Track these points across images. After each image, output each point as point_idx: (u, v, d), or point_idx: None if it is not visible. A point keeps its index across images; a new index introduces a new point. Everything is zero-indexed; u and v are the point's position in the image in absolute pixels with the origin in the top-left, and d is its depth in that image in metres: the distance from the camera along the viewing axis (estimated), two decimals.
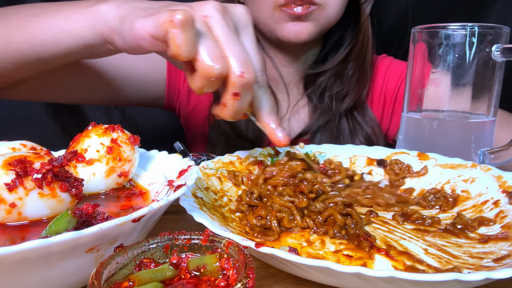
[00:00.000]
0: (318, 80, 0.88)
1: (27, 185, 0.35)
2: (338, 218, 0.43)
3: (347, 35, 0.88)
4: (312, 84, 0.90)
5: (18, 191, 0.34)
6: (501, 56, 0.56)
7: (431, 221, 0.46)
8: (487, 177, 0.50)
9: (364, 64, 0.88)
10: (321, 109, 0.88)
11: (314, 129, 0.88)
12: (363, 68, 0.88)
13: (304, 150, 0.65)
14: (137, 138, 0.47)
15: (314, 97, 0.89)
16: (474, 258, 0.38)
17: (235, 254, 0.28)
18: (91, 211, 0.32)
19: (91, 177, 0.43)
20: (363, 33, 0.87)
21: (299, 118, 0.92)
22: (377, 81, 0.94)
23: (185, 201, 0.41)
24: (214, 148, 0.90)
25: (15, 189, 0.34)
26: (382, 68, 0.94)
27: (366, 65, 0.88)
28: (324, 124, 0.88)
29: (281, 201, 0.46)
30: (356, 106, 0.90)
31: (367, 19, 0.87)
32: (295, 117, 0.92)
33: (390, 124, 0.95)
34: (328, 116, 0.87)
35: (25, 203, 0.35)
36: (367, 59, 0.88)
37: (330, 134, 0.88)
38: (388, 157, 0.61)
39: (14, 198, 0.34)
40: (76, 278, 0.31)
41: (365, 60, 0.88)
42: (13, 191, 0.34)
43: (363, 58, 0.88)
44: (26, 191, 0.35)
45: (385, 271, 0.28)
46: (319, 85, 0.88)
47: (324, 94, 0.88)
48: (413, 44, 0.63)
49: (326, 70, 0.88)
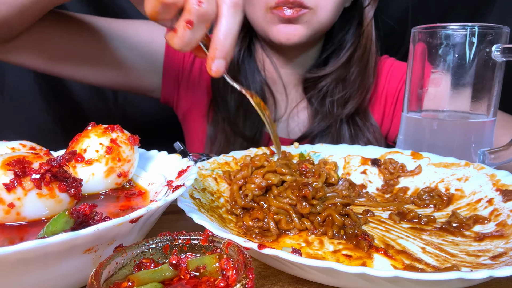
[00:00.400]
0: (319, 85, 0.87)
1: (26, 185, 0.35)
2: (336, 219, 0.43)
3: (349, 38, 0.87)
4: (312, 88, 0.89)
5: (17, 191, 0.34)
6: (501, 56, 0.56)
7: (427, 220, 0.46)
8: (481, 175, 0.51)
9: (367, 68, 0.87)
10: (322, 113, 0.87)
11: (315, 133, 0.87)
12: (365, 73, 0.86)
13: (299, 150, 0.65)
14: (137, 138, 0.47)
15: (315, 101, 0.88)
16: (471, 256, 0.38)
17: (235, 254, 0.28)
18: (89, 211, 0.32)
19: (90, 177, 0.43)
20: (366, 37, 0.86)
21: (298, 121, 0.91)
22: (379, 82, 0.94)
23: (183, 202, 0.41)
24: (212, 146, 0.90)
25: (13, 189, 0.34)
26: (384, 69, 0.94)
27: (369, 69, 0.87)
28: (325, 128, 0.87)
29: (278, 204, 0.45)
30: (358, 112, 0.88)
31: (370, 23, 0.86)
32: (294, 120, 0.91)
33: (391, 125, 0.95)
34: (329, 121, 0.86)
35: (24, 203, 0.35)
36: (370, 64, 0.87)
37: (331, 139, 0.87)
38: (382, 157, 0.61)
39: (13, 198, 0.34)
40: (75, 278, 0.31)
41: (368, 65, 0.87)
42: (11, 191, 0.34)
43: (365, 63, 0.86)
44: (24, 191, 0.35)
45: (389, 271, 0.28)
46: (320, 90, 0.87)
47: (326, 99, 0.87)
48: (413, 44, 0.63)
49: (327, 74, 0.87)
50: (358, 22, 0.86)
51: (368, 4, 0.85)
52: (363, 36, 0.86)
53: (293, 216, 0.44)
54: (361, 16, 0.86)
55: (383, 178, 0.58)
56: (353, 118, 0.88)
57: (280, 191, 0.47)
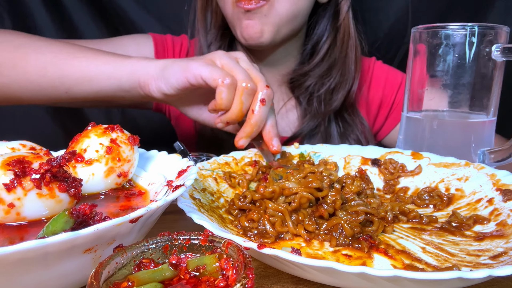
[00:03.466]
0: (305, 84, 0.87)
1: (26, 185, 0.35)
2: (346, 229, 0.41)
3: (324, 33, 0.87)
4: (298, 86, 0.88)
5: (17, 191, 0.34)
6: (501, 56, 0.56)
7: (428, 220, 0.46)
8: (481, 175, 0.51)
9: (346, 62, 0.86)
10: (311, 112, 0.87)
11: (305, 133, 0.87)
12: (345, 67, 0.86)
13: (299, 150, 0.65)
14: (137, 138, 0.47)
15: (303, 100, 0.88)
16: (471, 256, 0.38)
17: (235, 254, 0.28)
18: (89, 211, 0.32)
19: (90, 177, 0.43)
20: (343, 31, 0.85)
21: (288, 121, 0.91)
22: (372, 85, 0.94)
23: (183, 202, 0.41)
24: (206, 148, 0.89)
25: (13, 189, 0.34)
26: (377, 73, 0.94)
27: (348, 63, 0.86)
28: (314, 128, 0.87)
29: (276, 207, 0.44)
30: (346, 108, 0.88)
31: (347, 16, 0.85)
32: (284, 119, 0.91)
33: (381, 128, 0.95)
34: (318, 120, 0.86)
35: (24, 203, 0.35)
36: (349, 57, 0.86)
37: (320, 137, 0.87)
38: (382, 157, 0.61)
39: (13, 199, 0.34)
40: (75, 278, 0.31)
41: (346, 58, 0.86)
42: (11, 191, 0.34)
43: (344, 57, 0.86)
44: (24, 191, 0.35)
45: (389, 270, 0.28)
46: (307, 88, 0.87)
47: (313, 97, 0.87)
48: (413, 44, 0.63)
49: (310, 72, 0.87)
50: (334, 16, 0.86)
51: None
52: (339, 31, 0.85)
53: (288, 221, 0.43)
54: (336, 10, 0.85)
55: (383, 178, 0.58)
56: (341, 115, 0.88)
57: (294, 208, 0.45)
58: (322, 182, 0.46)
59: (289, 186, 0.45)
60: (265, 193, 0.46)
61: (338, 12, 0.85)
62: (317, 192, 0.45)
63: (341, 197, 0.44)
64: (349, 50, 0.86)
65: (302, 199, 0.44)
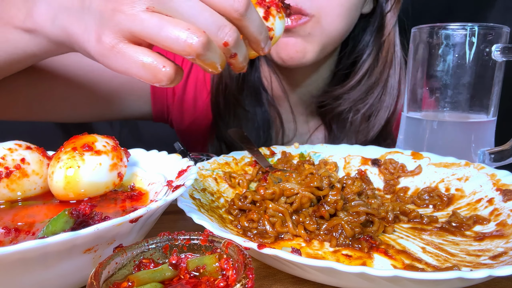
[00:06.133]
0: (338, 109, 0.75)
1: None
2: (347, 230, 0.41)
3: (366, 51, 0.74)
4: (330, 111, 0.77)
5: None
6: (501, 56, 0.56)
7: (429, 220, 0.46)
8: (481, 175, 0.51)
9: (387, 85, 0.74)
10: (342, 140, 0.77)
11: None
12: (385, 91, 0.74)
13: (299, 150, 0.65)
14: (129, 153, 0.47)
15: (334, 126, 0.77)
16: (471, 256, 0.38)
17: (235, 254, 0.28)
18: (89, 211, 0.32)
19: (97, 166, 0.43)
20: (387, 48, 0.73)
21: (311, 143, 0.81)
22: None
23: (183, 202, 0.41)
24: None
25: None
26: None
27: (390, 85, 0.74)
28: None
29: (276, 207, 0.44)
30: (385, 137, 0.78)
31: (392, 31, 0.73)
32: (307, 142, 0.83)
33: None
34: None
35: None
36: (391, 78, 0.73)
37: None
38: (382, 157, 0.61)
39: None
40: (75, 278, 0.31)
41: (388, 80, 0.74)
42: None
43: (385, 79, 0.74)
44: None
45: (389, 270, 0.28)
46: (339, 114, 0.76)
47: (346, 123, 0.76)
48: (413, 44, 0.63)
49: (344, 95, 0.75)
50: (378, 29, 0.74)
51: (391, 9, 0.72)
52: (383, 48, 0.73)
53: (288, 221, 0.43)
54: (381, 23, 0.73)
55: (384, 178, 0.58)
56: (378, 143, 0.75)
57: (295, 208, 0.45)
58: (322, 182, 0.46)
59: (290, 187, 0.45)
60: (266, 194, 0.46)
61: (383, 25, 0.73)
62: (318, 191, 0.45)
63: (342, 197, 0.44)
64: (392, 70, 0.74)
65: (303, 198, 0.44)
